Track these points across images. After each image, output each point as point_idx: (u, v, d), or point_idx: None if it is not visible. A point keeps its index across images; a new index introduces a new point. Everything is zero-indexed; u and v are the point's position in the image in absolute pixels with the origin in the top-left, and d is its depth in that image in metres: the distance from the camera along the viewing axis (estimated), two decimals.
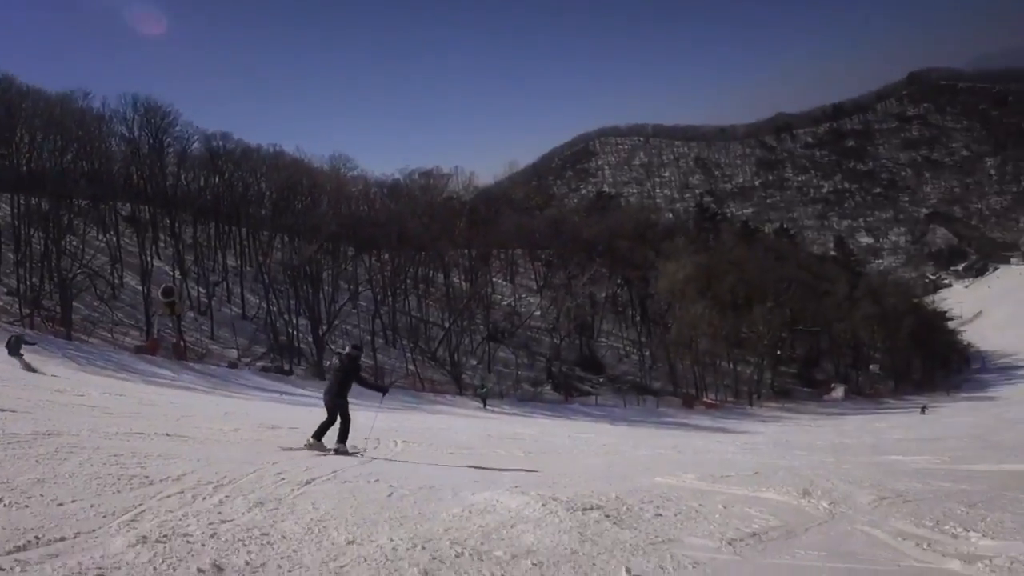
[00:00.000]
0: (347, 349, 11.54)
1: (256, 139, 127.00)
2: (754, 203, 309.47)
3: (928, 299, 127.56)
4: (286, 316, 56.75)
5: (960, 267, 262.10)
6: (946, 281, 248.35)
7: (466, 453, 13.29)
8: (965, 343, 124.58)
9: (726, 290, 65.96)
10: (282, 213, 68.62)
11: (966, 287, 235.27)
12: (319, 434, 10.88)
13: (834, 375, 79.15)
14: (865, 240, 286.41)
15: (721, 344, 63.71)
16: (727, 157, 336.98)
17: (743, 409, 56.21)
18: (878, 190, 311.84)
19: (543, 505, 6.97)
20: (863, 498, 8.23)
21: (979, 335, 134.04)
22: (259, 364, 42.39)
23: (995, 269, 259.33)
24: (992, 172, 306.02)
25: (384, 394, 11.98)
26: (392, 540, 5.56)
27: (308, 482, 7.80)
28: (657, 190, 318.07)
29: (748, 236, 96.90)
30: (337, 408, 10.90)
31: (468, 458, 12.24)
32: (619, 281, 75.46)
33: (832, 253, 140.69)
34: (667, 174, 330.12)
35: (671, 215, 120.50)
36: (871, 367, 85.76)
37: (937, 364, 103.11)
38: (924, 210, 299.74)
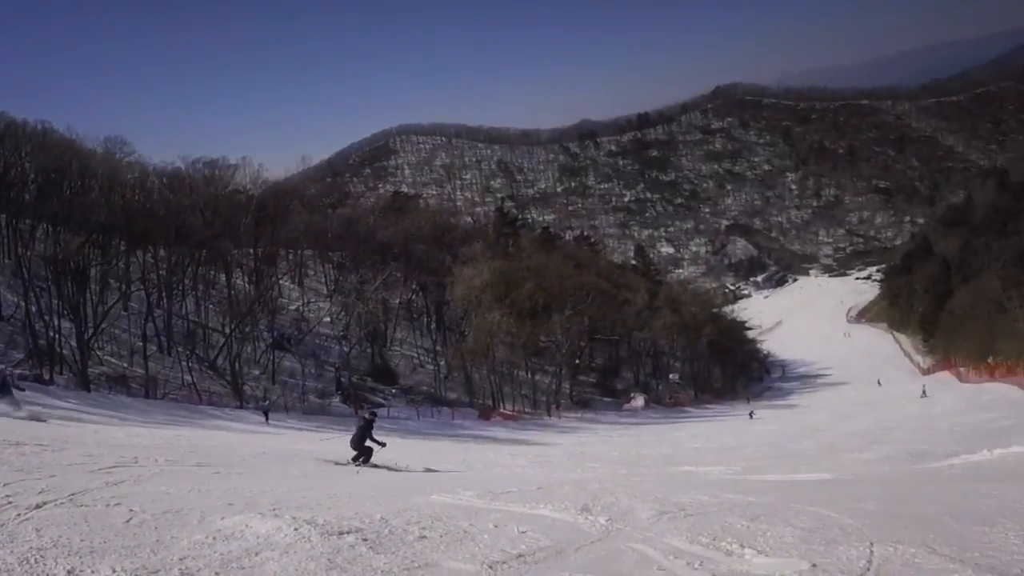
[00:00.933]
0: (366, 414, 17.81)
1: (22, 112, 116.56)
2: (556, 209, 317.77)
3: (728, 309, 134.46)
4: (47, 317, 51.84)
5: (760, 278, 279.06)
6: (746, 291, 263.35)
7: (234, 473, 12.40)
8: (765, 352, 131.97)
9: (524, 298, 66.70)
10: (47, 199, 62.49)
11: (766, 298, 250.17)
12: (363, 461, 16.58)
13: (634, 384, 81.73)
14: (666, 250, 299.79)
15: (519, 353, 64.42)
16: (530, 162, 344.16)
17: (541, 420, 56.95)
18: (680, 201, 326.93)
19: (296, 529, 6.58)
20: (644, 513, 8.13)
21: (779, 344, 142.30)
22: (16, 372, 38.73)
23: (794, 280, 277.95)
24: (793, 187, 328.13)
25: (382, 446, 16.93)
26: (115, 571, 5.12)
27: (38, 506, 7.23)
28: (458, 192, 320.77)
29: (549, 243, 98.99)
30: (361, 450, 16.65)
31: (232, 479, 11.39)
32: (414, 287, 74.77)
33: (633, 262, 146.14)
34: (468, 176, 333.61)
35: (471, 219, 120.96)
36: (671, 376, 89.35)
37: (738, 373, 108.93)
38: (725, 222, 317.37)
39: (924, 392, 63.15)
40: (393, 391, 61.29)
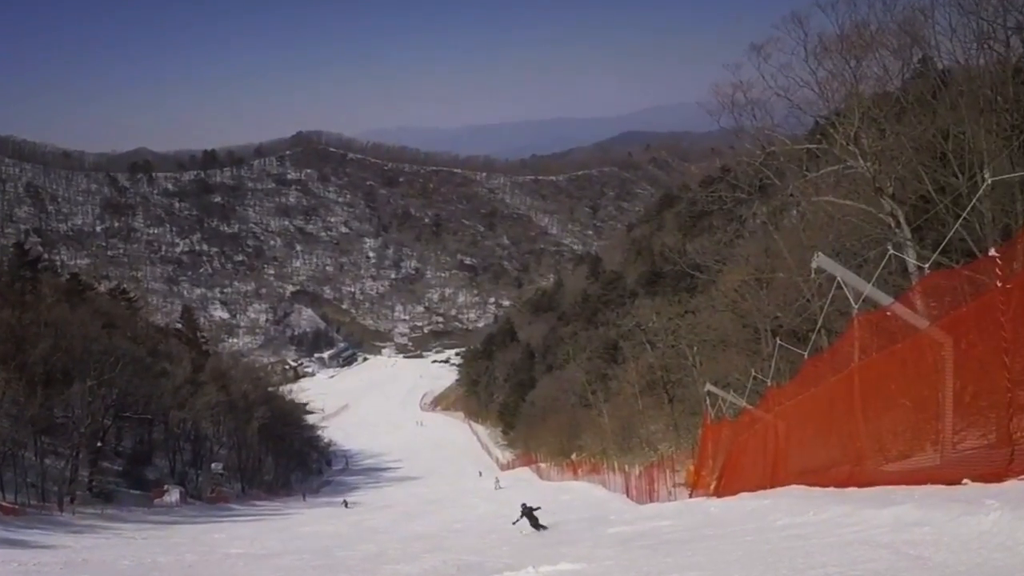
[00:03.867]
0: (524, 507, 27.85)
1: None
2: (93, 252, 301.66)
3: (287, 388, 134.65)
4: None
5: (326, 355, 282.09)
6: (309, 369, 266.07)
7: None
8: (327, 440, 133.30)
9: (39, 359, 62.96)
10: None
11: (331, 377, 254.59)
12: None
13: (169, 475, 79.19)
14: (220, 314, 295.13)
15: (26, 430, 60.31)
16: (68, 191, 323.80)
17: (51, 516, 53.43)
18: (241, 258, 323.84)
19: None
20: None
21: (344, 432, 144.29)
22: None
23: (365, 359, 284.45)
24: (371, 254, 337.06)
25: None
26: None
27: None
28: None
29: (77, 293, 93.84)
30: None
31: None
32: None
33: (178, 325, 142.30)
34: None
35: None
36: (214, 466, 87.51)
37: (294, 464, 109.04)
38: (291, 287, 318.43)
39: (497, 484, 68.29)
40: None
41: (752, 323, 40.92)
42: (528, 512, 28.53)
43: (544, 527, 28.18)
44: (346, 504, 63.04)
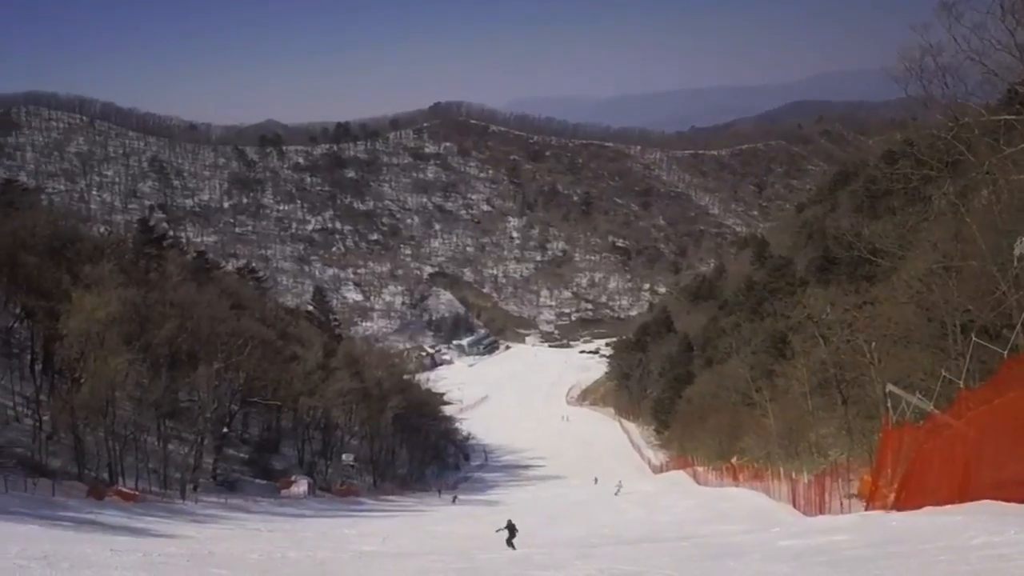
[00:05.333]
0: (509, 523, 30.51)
1: None
2: (220, 230, 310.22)
3: (423, 377, 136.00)
4: None
5: (465, 342, 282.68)
6: (447, 356, 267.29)
7: None
8: (465, 434, 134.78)
9: (164, 341, 64.51)
10: None
11: (471, 366, 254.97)
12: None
13: (297, 464, 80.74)
14: (353, 296, 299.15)
15: (149, 413, 62.08)
16: (194, 165, 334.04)
17: (172, 503, 54.92)
18: (376, 237, 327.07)
19: None
20: None
21: (483, 425, 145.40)
22: None
23: (507, 347, 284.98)
24: (515, 235, 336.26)
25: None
26: None
27: None
28: (94, 192, 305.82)
29: (204, 272, 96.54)
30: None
31: None
32: (18, 311, 70.56)
33: (309, 307, 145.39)
34: (111, 172, 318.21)
35: (106, 229, 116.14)
36: (344, 457, 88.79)
37: (429, 458, 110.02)
38: (429, 268, 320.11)
39: (619, 487, 69.76)
40: None
41: (939, 317, 39.05)
42: (510, 528, 31.08)
43: (513, 547, 30.10)
44: (455, 500, 63.68)
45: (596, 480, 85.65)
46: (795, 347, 65.33)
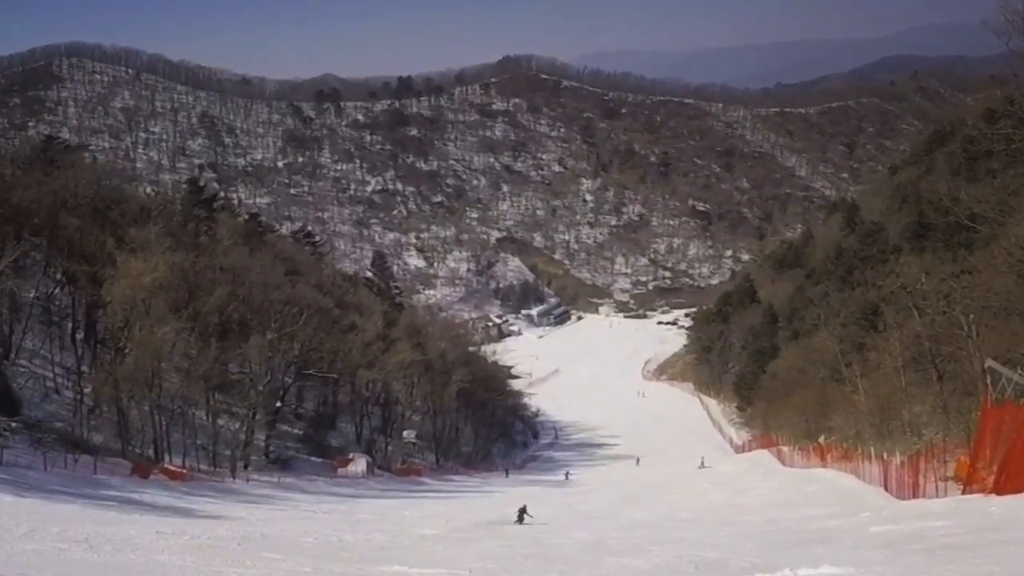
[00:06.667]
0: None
1: None
2: (273, 191, 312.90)
3: (490, 349, 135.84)
4: None
5: (535, 311, 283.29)
6: (515, 327, 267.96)
7: None
8: (534, 410, 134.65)
9: (213, 309, 64.70)
10: None
11: (540, 337, 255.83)
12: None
13: (354, 441, 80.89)
14: (415, 263, 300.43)
15: (198, 386, 62.13)
16: (246, 122, 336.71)
17: (222, 483, 54.96)
18: (440, 199, 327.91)
19: None
20: None
21: (554, 401, 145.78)
22: None
23: (579, 318, 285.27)
24: (588, 197, 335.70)
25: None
26: None
27: None
28: (140, 150, 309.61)
29: (257, 236, 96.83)
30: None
31: None
32: (59, 277, 70.92)
33: (369, 273, 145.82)
34: (158, 129, 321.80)
35: (153, 190, 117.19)
36: (405, 434, 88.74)
37: (496, 435, 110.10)
38: (497, 233, 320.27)
39: (702, 463, 71.60)
40: (13, 425, 57.50)
41: None
42: (521, 511, 34.39)
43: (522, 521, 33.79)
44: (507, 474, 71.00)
45: (703, 464, 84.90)
46: (887, 319, 64.27)
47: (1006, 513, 18.24)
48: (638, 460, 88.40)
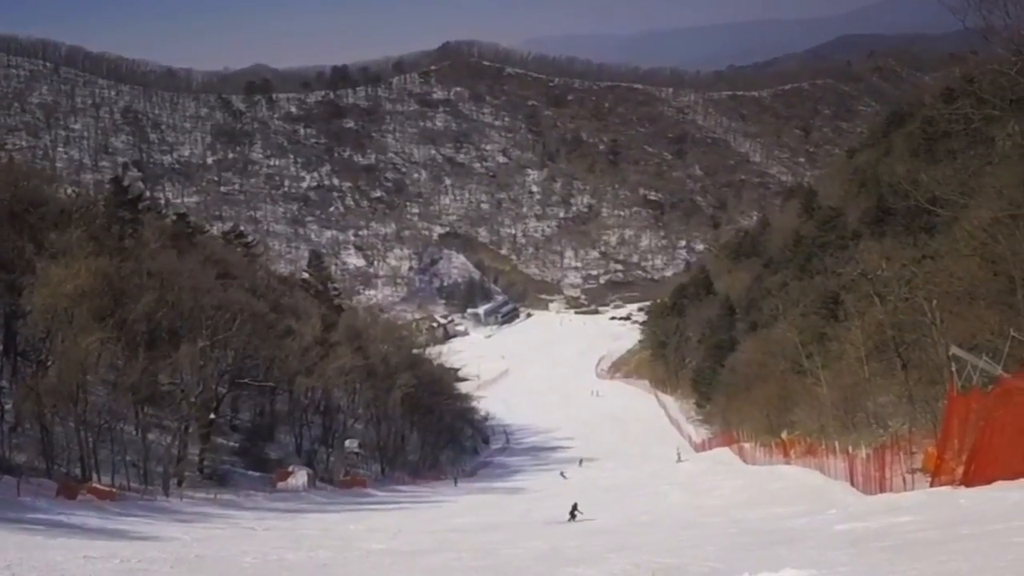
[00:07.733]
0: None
1: None
2: (202, 189, 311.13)
3: (436, 351, 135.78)
4: None
5: (482, 310, 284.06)
6: (461, 327, 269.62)
7: None
8: (484, 413, 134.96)
9: (141, 316, 64.28)
10: None
11: (488, 337, 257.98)
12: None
13: (294, 453, 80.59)
14: (355, 262, 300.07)
15: (127, 400, 61.72)
16: (172, 116, 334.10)
17: (154, 501, 54.64)
18: (379, 194, 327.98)
19: None
20: None
21: (504, 403, 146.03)
22: None
23: (528, 316, 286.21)
24: (534, 189, 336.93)
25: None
26: None
27: None
28: (61, 148, 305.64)
29: (186, 237, 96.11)
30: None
31: None
32: None
33: (305, 275, 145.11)
34: (78, 126, 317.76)
35: (74, 190, 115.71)
36: (348, 443, 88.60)
37: (444, 442, 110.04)
38: (439, 229, 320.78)
39: (679, 457, 71.11)
40: None
41: (1006, 270, 38.67)
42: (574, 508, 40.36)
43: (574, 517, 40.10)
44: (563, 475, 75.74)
45: (680, 456, 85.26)
46: (848, 307, 65.20)
47: (975, 506, 18.59)
48: (580, 461, 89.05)
